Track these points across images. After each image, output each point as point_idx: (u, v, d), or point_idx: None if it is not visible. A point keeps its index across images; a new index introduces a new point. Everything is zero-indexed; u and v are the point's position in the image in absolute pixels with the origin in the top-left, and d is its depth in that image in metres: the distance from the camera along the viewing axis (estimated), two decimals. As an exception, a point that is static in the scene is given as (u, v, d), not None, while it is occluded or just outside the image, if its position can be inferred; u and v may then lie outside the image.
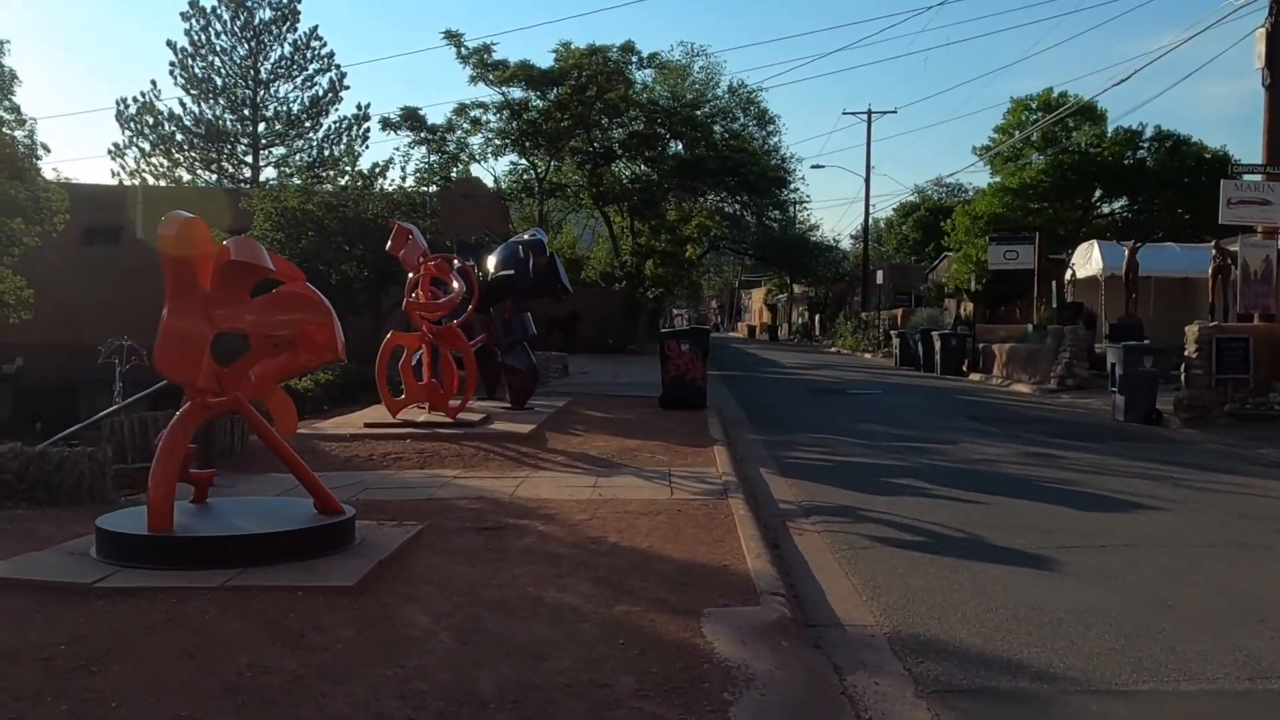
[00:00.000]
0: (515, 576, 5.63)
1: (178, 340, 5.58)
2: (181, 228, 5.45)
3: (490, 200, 31.06)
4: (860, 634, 5.11)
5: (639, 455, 10.55)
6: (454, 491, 8.46)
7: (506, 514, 7.43)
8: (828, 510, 8.23)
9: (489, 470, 9.66)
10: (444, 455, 10.37)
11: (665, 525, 7.09)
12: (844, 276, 59.76)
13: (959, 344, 26.93)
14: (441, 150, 33.54)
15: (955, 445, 12.26)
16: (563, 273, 14.53)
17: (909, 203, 64.65)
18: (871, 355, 39.72)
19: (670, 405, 15.13)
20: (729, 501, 8.03)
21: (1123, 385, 15.43)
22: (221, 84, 35.59)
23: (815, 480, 9.67)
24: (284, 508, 6.46)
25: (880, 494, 8.97)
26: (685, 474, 9.44)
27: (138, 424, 10.33)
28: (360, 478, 9.26)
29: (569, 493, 8.41)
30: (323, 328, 5.87)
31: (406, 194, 21.56)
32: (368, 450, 10.60)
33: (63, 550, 5.81)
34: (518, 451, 10.70)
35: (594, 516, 7.34)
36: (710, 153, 33.83)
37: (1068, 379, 20.99)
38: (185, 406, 5.81)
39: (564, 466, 9.94)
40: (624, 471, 9.61)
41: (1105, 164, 34.00)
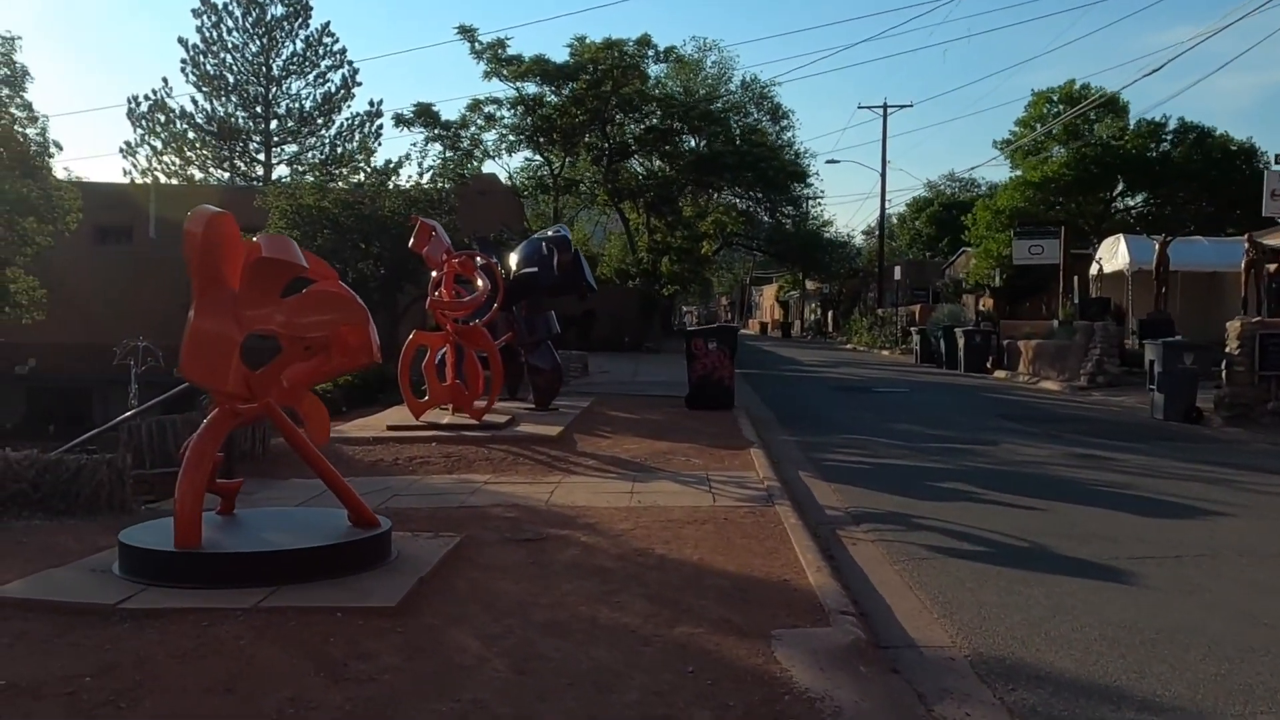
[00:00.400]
0: (564, 594, 5.28)
1: (205, 343, 5.25)
2: (209, 223, 5.11)
3: (506, 197, 30.56)
4: (939, 656, 4.75)
5: (673, 459, 10.20)
6: (486, 498, 8.12)
7: (545, 523, 7.09)
8: (878, 517, 7.87)
9: (520, 475, 9.32)
10: (472, 459, 10.04)
11: (713, 535, 6.74)
12: (858, 273, 59.25)
13: (983, 340, 26.50)
14: (455, 147, 33.17)
15: (996, 446, 11.87)
16: (587, 270, 14.19)
17: (922, 198, 64.17)
18: (889, 352, 39.29)
19: (697, 405, 14.77)
20: (776, 509, 7.68)
21: (1162, 383, 15.02)
22: (233, 81, 35.35)
23: (859, 484, 9.30)
24: (315, 519, 6.13)
25: (928, 499, 8.60)
26: (724, 478, 9.09)
27: (156, 428, 10.02)
28: (387, 483, 8.93)
29: (606, 499, 8.07)
30: (357, 329, 5.53)
31: (424, 190, 21.24)
32: (392, 454, 10.27)
33: (83, 566, 5.48)
34: (547, 455, 10.36)
35: (637, 526, 6.99)
36: (729, 147, 33.41)
37: (1098, 376, 20.56)
38: (213, 413, 5.47)
39: (596, 471, 9.59)
40: (660, 476, 9.26)
41: (1128, 157, 33.50)
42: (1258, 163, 34.00)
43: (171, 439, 10.09)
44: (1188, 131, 34.98)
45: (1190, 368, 14.79)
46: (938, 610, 5.43)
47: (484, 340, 12.06)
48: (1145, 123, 35.37)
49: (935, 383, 22.17)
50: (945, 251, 55.14)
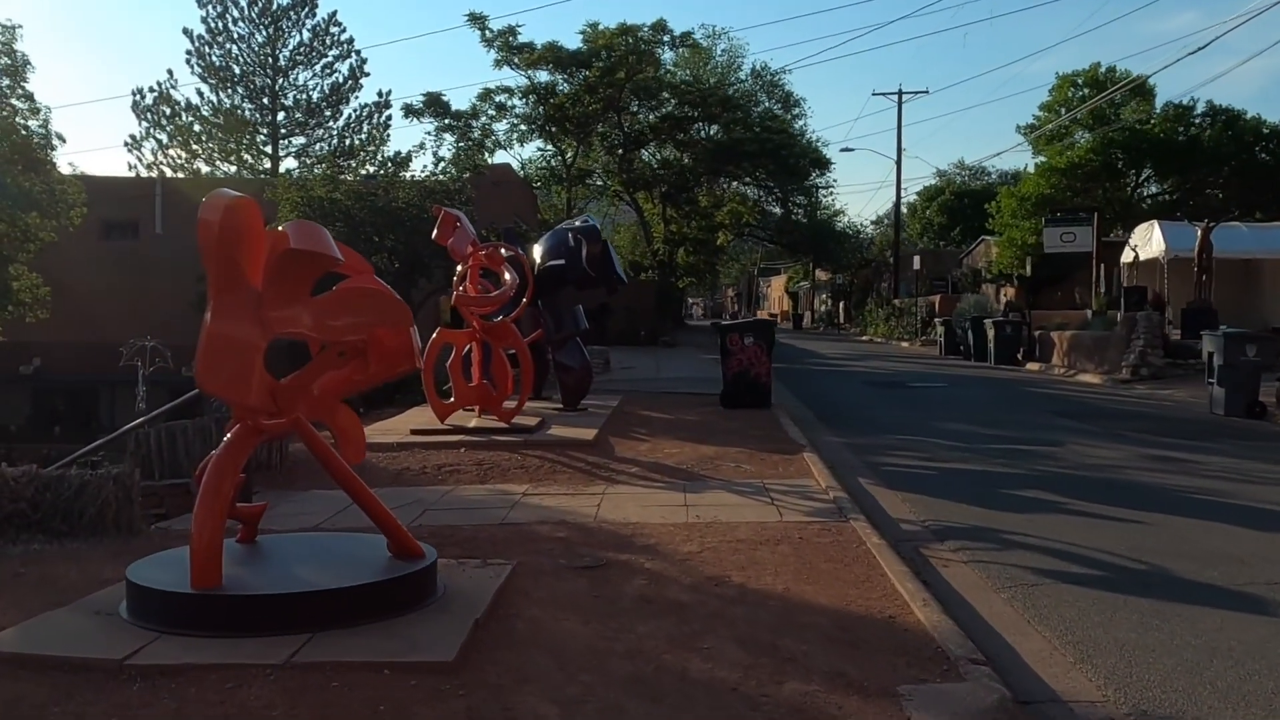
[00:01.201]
0: (641, 637, 4.56)
1: (224, 349, 4.52)
2: (228, 211, 4.38)
3: (521, 188, 29.97)
4: (1096, 717, 4.01)
5: (721, 465, 9.46)
6: (528, 513, 7.40)
7: (599, 544, 6.36)
8: (962, 533, 7.13)
9: (559, 485, 8.60)
10: (505, 467, 9.32)
11: (792, 559, 6.00)
12: (870, 263, 58.36)
13: (1014, 332, 25.68)
14: (466, 137, 32.42)
15: (1061, 447, 11.12)
16: (617, 262, 13.45)
17: (932, 187, 63.25)
18: (909, 344, 38.47)
19: (732, 404, 14.03)
20: (851, 525, 6.94)
21: (1223, 376, 14.23)
22: (239, 72, 34.58)
23: (928, 493, 8.56)
24: (349, 548, 5.40)
25: (1011, 510, 7.86)
26: (783, 488, 8.35)
27: (165, 436, 9.32)
28: (416, 495, 8.22)
29: (660, 514, 7.34)
30: (396, 331, 4.80)
31: (440, 181, 20.53)
32: (418, 461, 9.56)
33: (86, 607, 4.77)
34: (585, 462, 9.64)
35: (703, 547, 6.26)
36: (749, 134, 32.57)
37: (1141, 368, 19.77)
38: (234, 430, 4.75)
39: (641, 479, 8.86)
40: (711, 485, 8.54)
41: (1157, 141, 32.61)
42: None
43: (182, 447, 9.40)
44: (1217, 115, 34.09)
45: (1254, 360, 14.00)
46: (1072, 653, 4.69)
47: (513, 337, 11.33)
48: (1173, 106, 34.50)
49: (969, 376, 21.39)
50: (957, 241, 54.28)
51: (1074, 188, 33.45)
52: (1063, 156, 33.39)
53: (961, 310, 32.06)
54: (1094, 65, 34.58)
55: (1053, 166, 33.16)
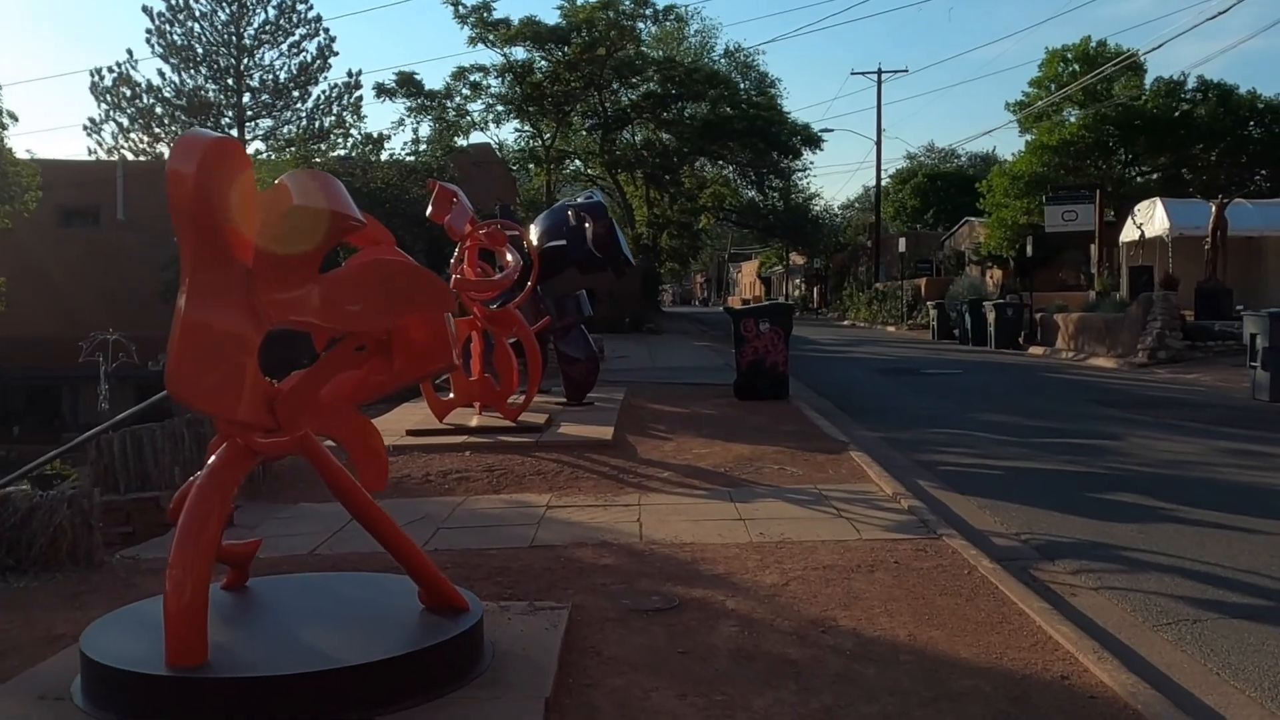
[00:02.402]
0: (757, 716, 3.49)
1: (204, 345, 3.39)
2: (207, 156, 3.25)
3: (502, 169, 28.71)
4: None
5: (763, 467, 8.41)
6: (560, 532, 6.31)
7: (658, 574, 5.29)
8: (1071, 549, 6.13)
9: (586, 495, 7.51)
10: (519, 473, 8.21)
11: (899, 591, 4.96)
12: (846, 246, 57.53)
13: (1015, 314, 24.85)
14: (441, 118, 31.07)
15: (1122, 440, 10.17)
16: (624, 243, 12.33)
17: (904, 169, 62.55)
18: (895, 328, 37.65)
19: (748, 395, 12.99)
20: (945, 543, 5.91)
21: (1267, 359, 13.37)
22: (202, 52, 32.80)
23: (1006, 498, 7.55)
24: (367, 595, 4.29)
25: (1111, 518, 6.87)
26: (844, 495, 7.31)
27: (131, 443, 8.10)
28: (423, 509, 7.10)
29: (716, 531, 6.27)
30: (430, 319, 3.69)
31: (421, 161, 19.27)
32: (420, 467, 8.43)
33: (28, 687, 3.63)
34: (608, 465, 8.55)
35: (786, 577, 5.20)
36: (736, 111, 31.40)
37: (1160, 351, 18.95)
38: (220, 452, 3.62)
39: (677, 486, 7.79)
40: (760, 493, 7.48)
41: (1151, 118, 31.86)
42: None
43: (150, 455, 8.18)
44: (1208, 89, 33.40)
45: (1302, 342, 13.15)
46: (1302, 721, 3.68)
47: (518, 325, 10.19)
48: (1163, 81, 33.79)
49: (979, 362, 20.49)
50: (930, 224, 53.56)
51: (1067, 166, 32.68)
52: (1054, 134, 32.59)
53: (955, 293, 31.26)
54: (1084, 39, 33.73)
55: (1045, 144, 32.32)
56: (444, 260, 13.05)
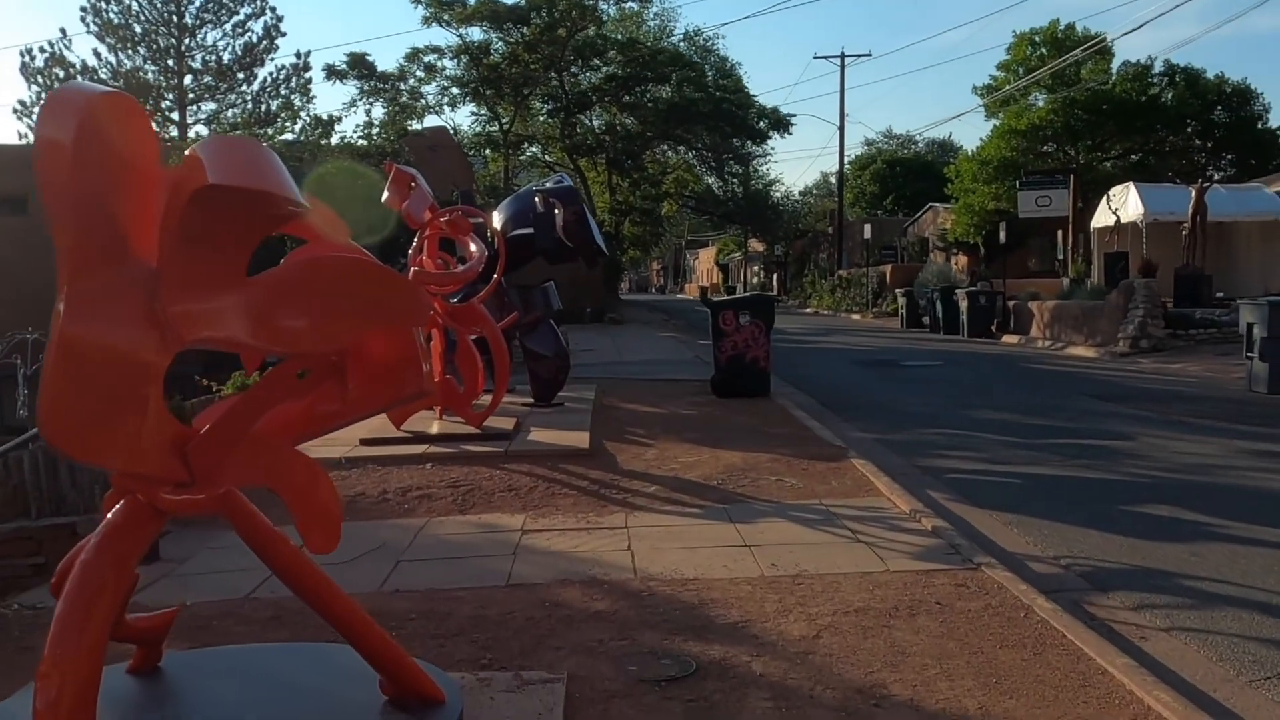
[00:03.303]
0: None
1: (87, 374, 2.51)
2: (89, 117, 2.37)
3: (458, 153, 27.60)
4: None
5: (758, 478, 7.62)
6: (540, 565, 5.48)
7: (663, 623, 4.48)
8: (1122, 577, 5.42)
9: (565, 514, 6.67)
10: (488, 489, 7.35)
11: (949, 642, 4.20)
12: (806, 233, 57.03)
13: (988, 303, 24.35)
14: (394, 101, 29.89)
15: (1133, 440, 9.53)
16: (596, 230, 11.46)
17: (864, 156, 62.20)
18: (861, 316, 37.13)
19: (727, 392, 12.22)
20: (985, 574, 5.16)
21: (1266, 350, 12.86)
22: (140, 31, 31.22)
23: (1031, 513, 6.83)
24: (315, 676, 3.43)
25: (1156, 537, 6.17)
26: (855, 513, 6.55)
27: (44, 461, 7.13)
28: (378, 534, 6.25)
29: (721, 561, 5.47)
30: (396, 334, 2.83)
31: (374, 144, 18.22)
32: (375, 483, 7.54)
33: None
34: (587, 478, 7.71)
35: (815, 626, 4.41)
36: (702, 94, 30.51)
37: (1141, 340, 18.49)
38: (116, 513, 2.74)
39: (667, 503, 6.98)
40: (761, 510, 6.70)
41: (1120, 102, 31.53)
42: (1254, 105, 32.44)
43: (66, 475, 7.23)
44: (1175, 73, 33.19)
45: (1302, 332, 12.65)
46: None
47: (482, 321, 9.30)
48: (1131, 65, 33.52)
49: (956, 352, 19.90)
50: (890, 210, 53.23)
51: (1036, 150, 32.30)
52: (1022, 118, 32.19)
53: (924, 280, 30.74)
54: (1053, 23, 33.36)
55: (1013, 128, 31.91)
56: (399, 250, 12.14)
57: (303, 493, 2.85)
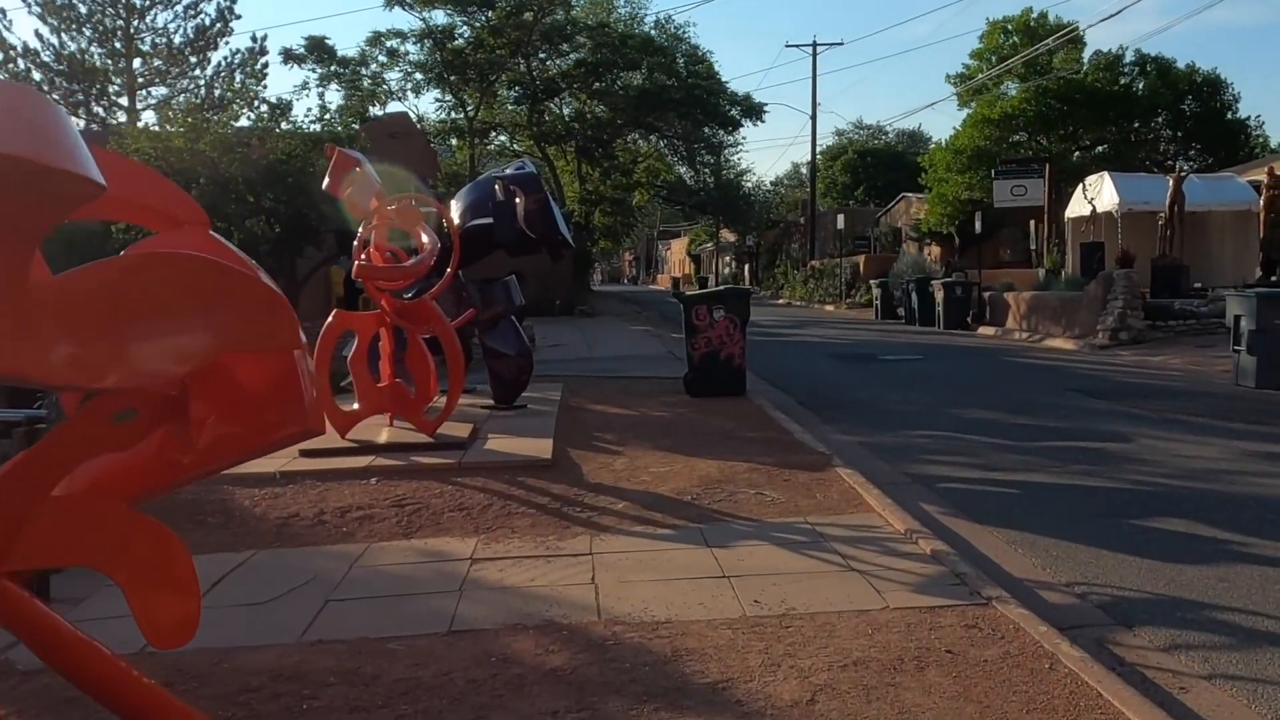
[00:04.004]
0: None
1: None
2: None
3: (421, 141, 26.71)
4: None
5: (735, 492, 6.96)
6: (490, 604, 4.79)
7: (631, 687, 3.80)
8: (1146, 608, 4.80)
9: (521, 538, 5.98)
10: (437, 507, 6.64)
11: (967, 704, 3.55)
12: (778, 223, 56.53)
13: (964, 294, 23.87)
14: (355, 86, 28.92)
15: (1130, 441, 8.96)
16: (561, 220, 10.74)
17: (835, 146, 61.81)
18: (834, 307, 36.66)
19: (701, 391, 11.57)
20: (999, 611, 4.53)
21: (1253, 343, 12.39)
22: (86, 11, 30.00)
23: (1032, 528, 6.22)
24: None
25: (1174, 558, 5.57)
26: (843, 532, 5.90)
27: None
28: (310, 565, 5.53)
29: (697, 598, 4.80)
30: (265, 358, 2.12)
31: (329, 130, 17.35)
32: (313, 502, 6.81)
33: None
34: (548, 494, 7.01)
35: (811, 688, 3.75)
36: (673, 81, 29.75)
37: (1121, 332, 18.03)
38: None
39: (636, 523, 6.29)
40: (740, 531, 6.03)
41: (1092, 91, 31.18)
42: (1224, 94, 32.21)
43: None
44: (1146, 63, 32.89)
45: (1294, 325, 12.17)
46: None
47: (435, 320, 8.56)
48: (1103, 55, 33.20)
49: (934, 345, 19.38)
50: (861, 200, 52.83)
51: (1009, 140, 31.89)
52: (995, 107, 31.76)
53: (899, 271, 30.27)
54: (1025, 11, 32.91)
55: (986, 117, 31.48)
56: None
57: (144, 572, 2.13)
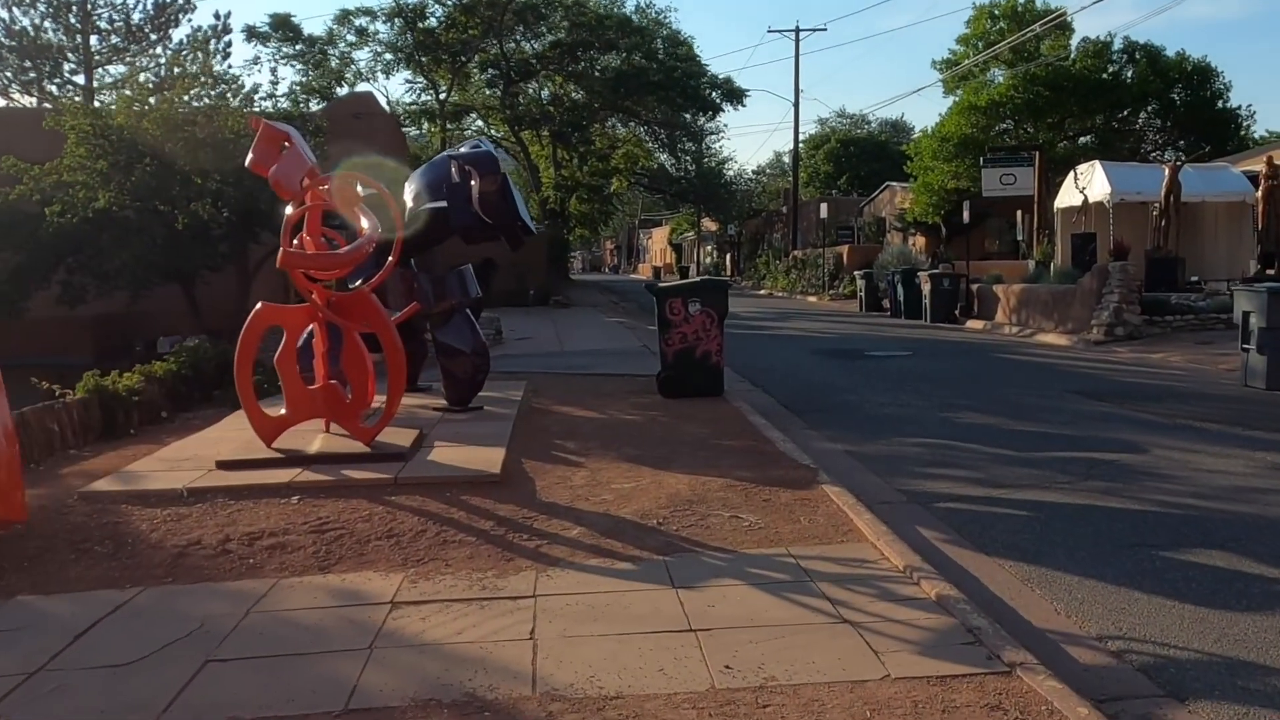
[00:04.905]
0: None
1: None
2: None
3: (386, 122, 25.64)
4: None
5: (708, 514, 6.07)
6: (403, 669, 3.91)
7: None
8: (1199, 672, 3.96)
9: (455, 574, 5.09)
10: (363, 535, 5.72)
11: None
12: (760, 213, 55.68)
13: (952, 286, 23.07)
14: (321, 66, 27.81)
15: (1145, 453, 8.14)
16: (521, 204, 9.78)
17: (817, 135, 61.01)
18: (817, 298, 35.83)
19: (675, 391, 10.70)
20: (1025, 683, 3.67)
21: (1264, 342, 11.61)
22: (40, -15, 28.86)
23: (1050, 563, 5.37)
24: None
25: (1220, 603, 4.73)
26: (832, 569, 5.04)
27: None
28: (199, 610, 4.65)
29: (657, 660, 3.93)
30: None
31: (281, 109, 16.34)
32: (220, 526, 5.88)
33: None
34: (493, 517, 6.11)
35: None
36: (652, 63, 28.75)
37: (1117, 327, 17.25)
38: None
39: (592, 554, 5.40)
40: (711, 566, 5.16)
41: (1081, 78, 30.41)
42: (1214, 83, 31.52)
43: None
44: (1135, 51, 32.16)
45: (1309, 322, 11.39)
46: None
47: (372, 314, 7.61)
48: (1090, 42, 32.43)
49: (922, 340, 18.57)
50: (844, 189, 52.05)
51: (993, 127, 31.10)
52: (982, 94, 30.96)
53: (884, 262, 29.48)
54: (1012, -6, 32.10)
55: (973, 104, 30.67)
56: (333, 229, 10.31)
57: None
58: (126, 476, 6.91)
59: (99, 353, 18.29)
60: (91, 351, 18.49)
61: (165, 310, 17.92)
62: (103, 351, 18.61)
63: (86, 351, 18.39)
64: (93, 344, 19.64)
